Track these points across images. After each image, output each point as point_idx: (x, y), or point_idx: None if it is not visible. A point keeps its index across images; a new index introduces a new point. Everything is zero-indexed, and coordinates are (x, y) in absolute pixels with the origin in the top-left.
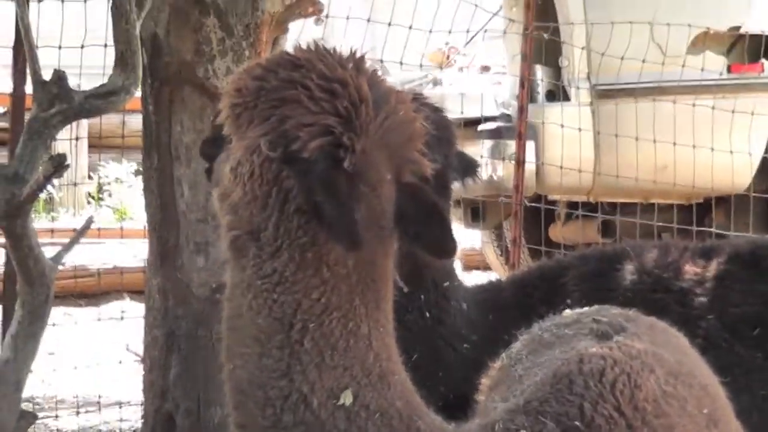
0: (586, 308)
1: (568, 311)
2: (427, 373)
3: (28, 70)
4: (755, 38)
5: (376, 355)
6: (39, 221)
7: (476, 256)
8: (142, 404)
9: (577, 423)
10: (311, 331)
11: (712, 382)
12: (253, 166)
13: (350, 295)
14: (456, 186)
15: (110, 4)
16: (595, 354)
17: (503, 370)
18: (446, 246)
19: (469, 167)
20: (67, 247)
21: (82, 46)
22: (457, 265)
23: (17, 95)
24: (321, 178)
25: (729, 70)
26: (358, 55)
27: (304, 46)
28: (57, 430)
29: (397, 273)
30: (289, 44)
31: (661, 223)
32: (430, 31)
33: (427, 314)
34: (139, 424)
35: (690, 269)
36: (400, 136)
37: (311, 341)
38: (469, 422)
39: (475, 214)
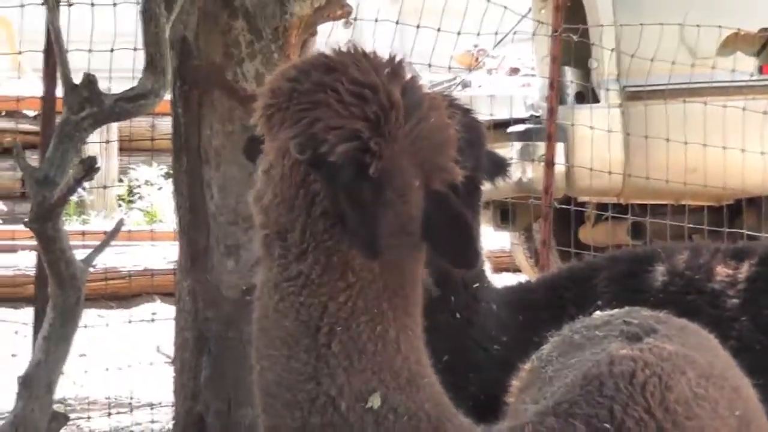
0: (616, 310)
1: (598, 313)
2: (458, 375)
3: (58, 74)
4: None
5: (405, 359)
6: (70, 224)
7: (506, 258)
8: (173, 405)
9: (607, 425)
10: (339, 334)
11: (745, 384)
12: (284, 169)
13: (378, 299)
14: (486, 186)
15: (140, 8)
16: (626, 356)
17: (533, 372)
18: (468, 258)
19: (499, 167)
20: (98, 250)
21: (112, 50)
22: (487, 266)
23: (48, 98)
24: (345, 185)
25: (760, 71)
26: (397, 60)
27: (341, 48)
28: (89, 431)
29: (428, 275)
30: (318, 47)
31: (691, 225)
32: (459, 34)
33: (458, 315)
34: (170, 426)
35: (722, 271)
36: (431, 143)
37: (339, 344)
38: (499, 424)
39: (505, 215)
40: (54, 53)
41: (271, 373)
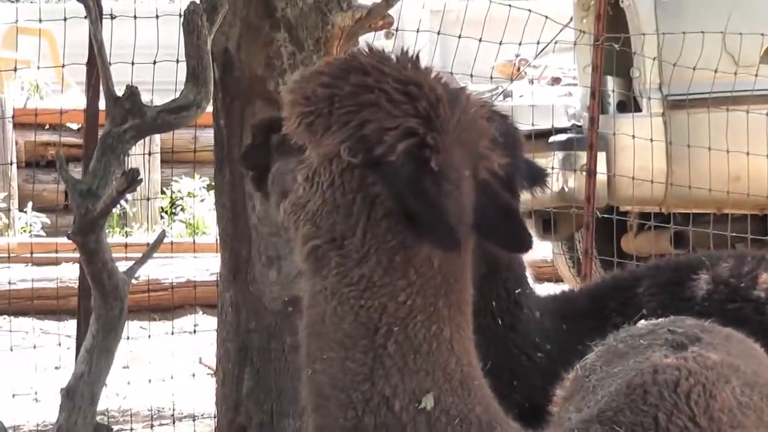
0: (661, 319)
1: (643, 322)
2: (501, 381)
3: (101, 87)
4: None
5: (458, 360)
6: (113, 236)
7: (548, 268)
8: (215, 417)
9: None
10: (395, 334)
11: None
12: (333, 174)
13: (435, 297)
14: (525, 195)
15: (182, 20)
16: (670, 364)
17: (577, 381)
18: (523, 241)
19: (537, 175)
20: (140, 262)
21: (155, 62)
22: (529, 273)
23: (91, 111)
24: (410, 182)
25: None
26: (410, 54)
27: (358, 51)
28: None
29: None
30: None
31: (734, 234)
32: (500, 44)
33: (500, 321)
34: None
35: (767, 279)
36: (474, 132)
37: (395, 345)
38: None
39: (547, 225)
40: (97, 66)
41: (324, 375)
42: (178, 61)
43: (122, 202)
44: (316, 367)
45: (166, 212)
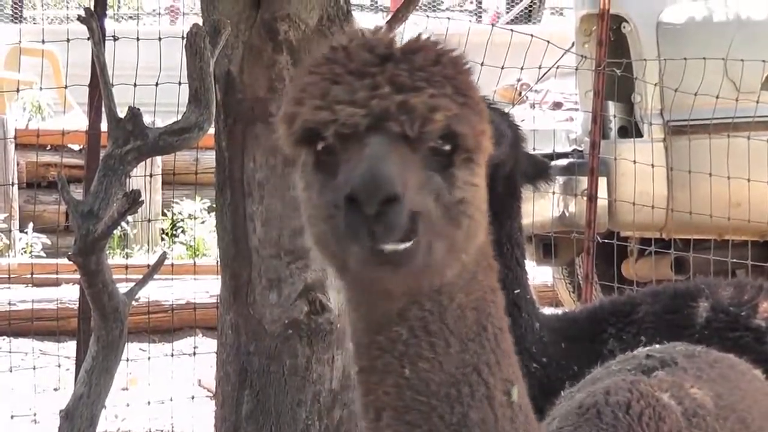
0: (657, 346)
1: (640, 349)
2: None
3: (103, 108)
4: None
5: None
6: (113, 258)
7: (548, 293)
8: None
9: None
10: (492, 322)
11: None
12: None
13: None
14: (527, 189)
15: (185, 42)
16: (622, 387)
17: (558, 408)
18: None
19: (540, 169)
20: (140, 283)
21: (157, 84)
22: (529, 282)
23: (93, 132)
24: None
25: None
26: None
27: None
28: None
29: None
30: None
31: (735, 260)
32: (502, 68)
33: None
34: None
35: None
36: None
37: (492, 334)
38: None
39: (547, 250)
40: (99, 87)
41: (433, 373)
42: (180, 83)
43: (123, 223)
44: (421, 366)
45: (166, 234)
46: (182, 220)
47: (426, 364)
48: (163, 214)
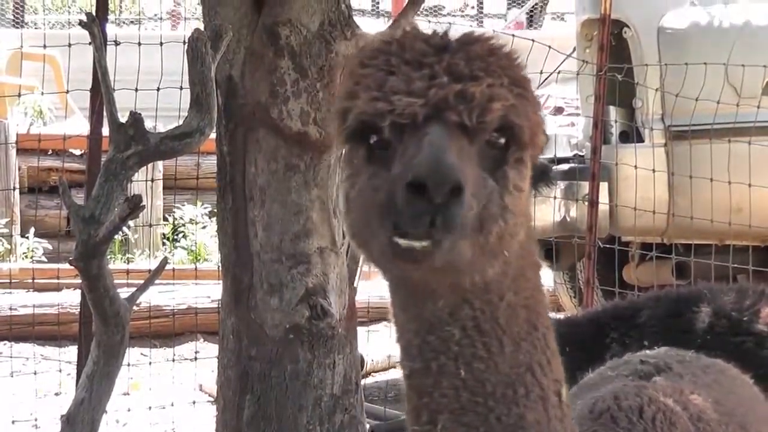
0: (652, 350)
1: (641, 352)
2: None
3: (105, 112)
4: None
5: None
6: (115, 262)
7: (549, 297)
8: None
9: None
10: (541, 322)
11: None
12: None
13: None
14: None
15: (186, 47)
16: (630, 391)
17: None
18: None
19: (541, 172)
20: (142, 288)
21: (158, 89)
22: None
23: (94, 137)
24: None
25: None
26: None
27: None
28: None
29: None
30: None
31: (736, 265)
32: None
33: None
34: None
35: None
36: None
37: (542, 333)
38: None
39: (548, 254)
40: (100, 92)
41: (487, 373)
42: (181, 88)
43: (124, 228)
44: (476, 367)
45: (168, 239)
46: (183, 225)
47: (481, 364)
48: (165, 219)
